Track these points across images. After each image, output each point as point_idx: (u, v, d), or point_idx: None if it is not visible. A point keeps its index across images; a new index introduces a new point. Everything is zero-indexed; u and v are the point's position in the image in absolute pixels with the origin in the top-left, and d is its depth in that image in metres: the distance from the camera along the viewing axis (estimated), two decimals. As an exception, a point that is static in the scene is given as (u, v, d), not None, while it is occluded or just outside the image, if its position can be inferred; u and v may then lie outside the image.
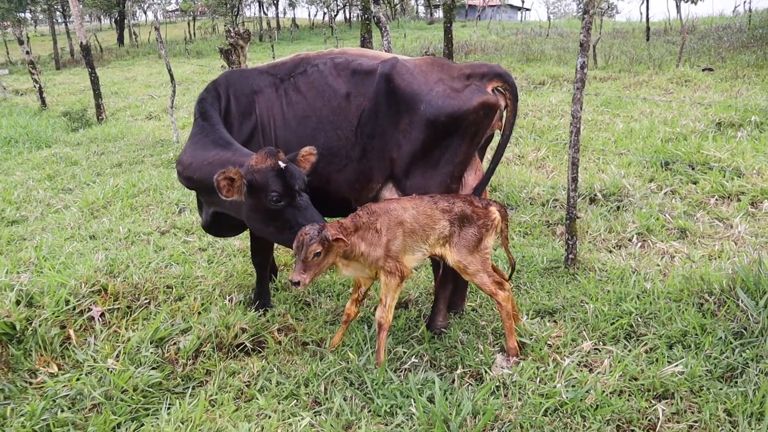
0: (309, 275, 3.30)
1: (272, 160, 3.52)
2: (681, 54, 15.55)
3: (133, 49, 33.98)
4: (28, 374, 3.75)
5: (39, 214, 7.09)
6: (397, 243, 3.54)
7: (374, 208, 3.60)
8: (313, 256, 3.29)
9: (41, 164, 9.40)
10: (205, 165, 3.76)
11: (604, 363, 3.63)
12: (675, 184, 6.79)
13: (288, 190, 3.52)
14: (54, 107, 15.14)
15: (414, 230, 3.59)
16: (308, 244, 3.27)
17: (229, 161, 3.65)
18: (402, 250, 3.59)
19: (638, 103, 11.32)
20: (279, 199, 3.53)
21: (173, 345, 3.98)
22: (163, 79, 20.21)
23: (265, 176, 3.49)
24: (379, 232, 3.50)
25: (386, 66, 3.82)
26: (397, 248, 3.54)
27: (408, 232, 3.57)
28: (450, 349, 3.90)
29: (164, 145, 10.31)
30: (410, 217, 3.58)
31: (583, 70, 4.38)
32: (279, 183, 3.50)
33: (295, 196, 3.57)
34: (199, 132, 4.03)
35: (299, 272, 3.28)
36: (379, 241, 3.52)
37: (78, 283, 4.55)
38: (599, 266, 4.96)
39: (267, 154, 3.53)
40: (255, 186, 3.52)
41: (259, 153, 3.56)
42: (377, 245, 3.52)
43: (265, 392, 3.45)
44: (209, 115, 4.06)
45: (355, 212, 3.61)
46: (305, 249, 3.28)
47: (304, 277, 3.28)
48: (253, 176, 3.50)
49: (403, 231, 3.56)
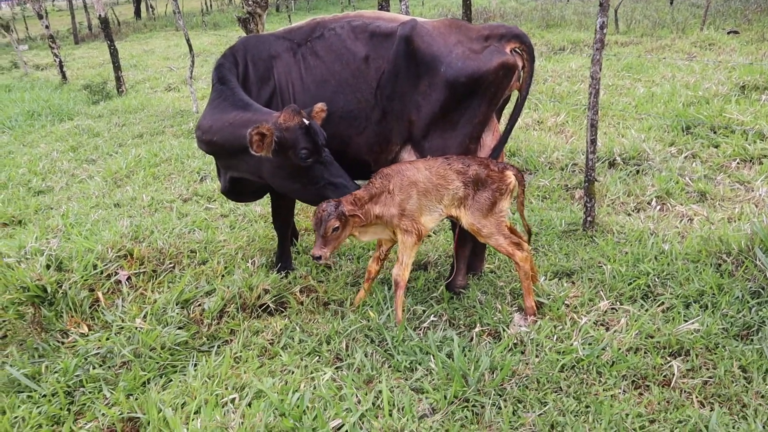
0: (329, 249, 3.47)
1: (298, 118, 3.57)
2: (705, 17, 15.15)
3: (150, 23, 33.97)
4: (60, 334, 3.90)
5: (64, 184, 7.24)
6: (411, 202, 3.61)
7: (387, 171, 3.68)
8: (332, 231, 3.45)
9: (64, 136, 9.55)
10: (226, 126, 3.79)
11: (620, 322, 3.67)
12: (696, 147, 6.70)
13: (315, 146, 3.60)
14: (74, 81, 15.29)
15: (428, 190, 3.64)
16: (326, 220, 3.42)
17: (250, 121, 3.68)
18: (417, 210, 3.65)
19: (660, 67, 11.10)
20: (309, 156, 3.60)
21: (198, 306, 4.10)
22: (181, 51, 20.24)
23: (294, 133, 3.55)
24: (392, 193, 3.58)
25: (406, 28, 3.81)
26: (411, 207, 3.61)
27: (422, 192, 3.63)
28: (468, 308, 3.96)
29: (184, 115, 10.40)
30: (423, 178, 3.64)
31: (603, 31, 4.33)
32: (307, 139, 3.57)
33: (322, 151, 3.65)
34: (218, 96, 4.06)
35: (319, 247, 3.45)
36: (392, 201, 3.61)
37: (105, 248, 4.68)
38: (617, 229, 4.96)
39: (292, 112, 3.58)
40: (283, 143, 3.56)
41: (285, 110, 3.59)
42: (390, 205, 3.62)
43: (288, 349, 3.56)
44: (227, 79, 4.09)
45: (369, 180, 3.68)
46: (324, 225, 3.43)
47: (324, 251, 3.45)
48: (282, 133, 3.55)
49: (417, 191, 3.62)
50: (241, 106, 3.83)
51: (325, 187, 3.68)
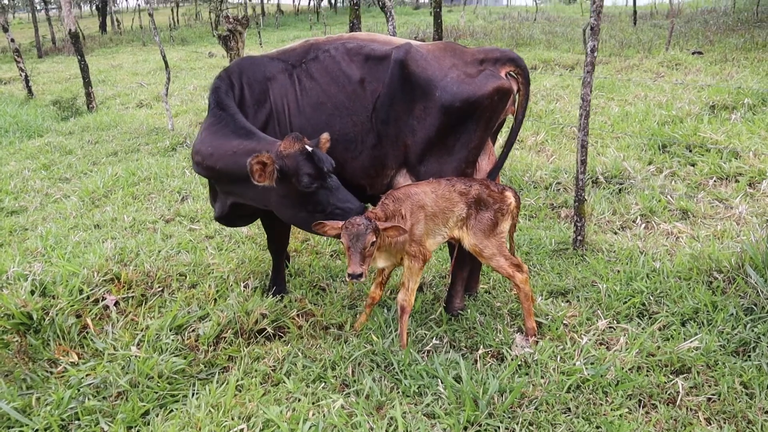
0: (366, 264, 3.29)
1: (300, 144, 3.51)
2: (670, 38, 15.65)
3: (116, 37, 33.42)
4: (49, 364, 3.75)
5: (38, 204, 7.02)
6: (420, 227, 3.58)
7: (398, 195, 3.63)
8: (371, 245, 3.29)
9: (35, 154, 9.28)
10: (229, 155, 3.71)
11: (620, 341, 3.71)
12: (674, 166, 6.88)
13: (319, 172, 3.53)
14: (41, 96, 14.92)
15: (435, 213, 3.63)
16: (365, 235, 3.24)
17: (255, 150, 3.60)
18: (424, 234, 3.63)
19: (631, 86, 11.41)
20: (312, 182, 3.53)
21: (193, 332, 4.00)
22: (150, 67, 19.97)
23: (295, 160, 3.49)
24: (404, 218, 3.54)
25: (400, 52, 3.82)
26: (420, 232, 3.58)
27: (429, 216, 3.61)
28: (468, 330, 3.96)
29: (159, 133, 10.22)
30: (431, 201, 3.62)
31: (594, 54, 4.42)
32: (309, 165, 3.50)
33: (326, 177, 3.58)
34: (217, 121, 3.96)
35: (358, 264, 3.23)
36: (405, 225, 3.55)
37: (90, 272, 4.54)
38: (606, 247, 5.03)
39: (294, 139, 3.53)
40: (286, 171, 3.51)
41: (286, 139, 3.55)
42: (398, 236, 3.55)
43: (292, 376, 3.49)
44: (225, 104, 4.00)
45: (381, 201, 3.64)
46: (362, 240, 3.24)
47: (365, 269, 3.25)
48: (283, 161, 3.49)
49: (425, 215, 3.60)
50: (244, 134, 3.77)
51: (333, 213, 3.60)
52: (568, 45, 18.31)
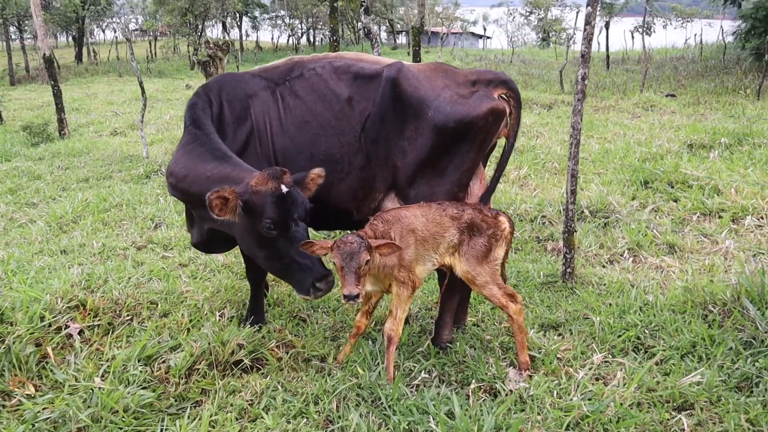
0: (362, 283, 3.12)
1: (274, 183, 3.26)
2: (644, 80, 16.03)
3: (92, 67, 33.10)
4: (1, 396, 3.42)
5: (1, 229, 6.67)
6: (410, 252, 3.40)
7: (387, 217, 3.45)
8: (365, 263, 3.11)
9: (1, 178, 8.91)
10: (203, 179, 3.51)
11: (617, 375, 3.54)
12: (657, 201, 6.85)
13: (284, 219, 3.28)
14: (11, 122, 14.52)
15: (425, 238, 3.45)
16: (359, 253, 3.07)
17: (229, 177, 3.42)
18: (414, 260, 3.44)
19: (609, 125, 11.54)
20: (272, 228, 3.30)
21: (163, 363, 3.71)
22: (125, 97, 19.70)
23: (262, 200, 3.26)
24: (393, 241, 3.35)
25: (392, 70, 3.71)
26: (410, 257, 3.39)
27: (420, 241, 3.43)
28: (458, 364, 3.75)
29: (133, 160, 9.93)
30: (421, 225, 3.45)
31: (584, 81, 4.37)
32: (276, 210, 3.25)
33: (291, 226, 3.32)
34: (192, 140, 3.77)
35: (353, 285, 3.06)
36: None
37: (53, 298, 4.24)
38: (596, 280, 4.91)
39: (270, 176, 3.28)
40: (250, 208, 3.29)
41: (263, 173, 3.30)
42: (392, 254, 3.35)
43: (271, 411, 3.22)
44: (201, 122, 3.83)
45: (369, 222, 3.45)
46: (356, 259, 3.07)
47: (360, 289, 3.08)
48: (250, 197, 3.27)
49: (415, 239, 3.42)
50: (220, 156, 3.56)
51: (289, 265, 3.36)
52: (545, 86, 18.64)
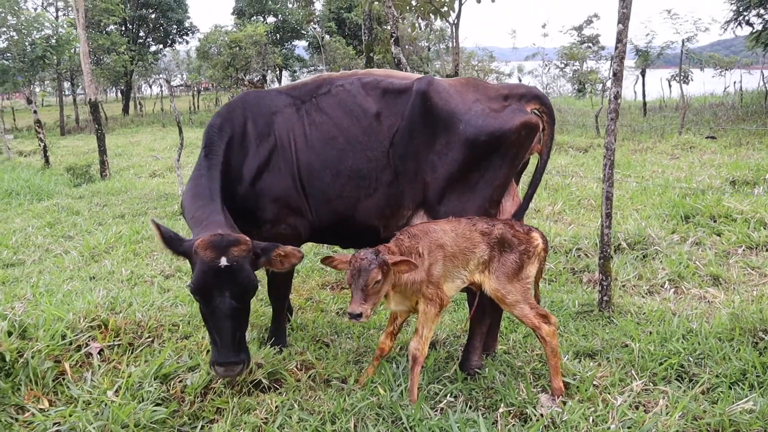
0: (369, 305, 2.94)
1: (212, 254, 3.08)
2: (683, 122, 15.73)
3: (137, 119, 34.42)
4: (15, 409, 3.35)
5: (37, 258, 6.76)
6: (438, 267, 3.25)
7: (415, 231, 3.33)
8: (374, 284, 2.95)
9: (42, 213, 9.13)
10: (189, 217, 3.56)
11: (659, 403, 3.28)
12: (698, 234, 6.56)
13: (207, 292, 3.13)
14: (57, 166, 15.02)
15: (454, 254, 3.30)
16: (368, 270, 2.91)
17: (199, 225, 3.39)
18: (442, 276, 3.29)
19: (647, 165, 11.28)
20: (194, 293, 3.18)
21: (180, 382, 3.60)
22: (166, 144, 20.29)
23: (195, 264, 3.17)
24: (422, 256, 3.22)
25: (422, 83, 3.66)
26: (438, 273, 3.25)
27: (448, 257, 3.29)
28: (487, 389, 3.53)
29: (168, 198, 10.10)
30: (450, 240, 3.31)
31: (617, 100, 4.24)
32: (201, 281, 3.11)
33: (213, 299, 3.13)
34: (197, 171, 3.77)
35: (359, 303, 2.92)
36: (421, 265, 3.22)
37: (76, 317, 4.20)
38: (635, 309, 4.65)
39: (211, 244, 3.09)
40: (191, 263, 3.24)
41: (208, 237, 3.12)
42: (419, 269, 3.21)
43: (286, 429, 3.05)
44: (212, 149, 3.78)
45: (395, 237, 3.34)
46: (364, 276, 2.92)
47: (366, 308, 2.92)
48: (192, 255, 3.18)
49: (444, 255, 3.27)
50: (206, 198, 3.54)
51: (210, 332, 3.23)
52: (580, 131, 18.47)
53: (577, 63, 43.35)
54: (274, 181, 3.81)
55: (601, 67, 43.58)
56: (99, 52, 33.24)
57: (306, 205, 3.82)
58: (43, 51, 18.64)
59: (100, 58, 34.78)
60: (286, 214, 3.80)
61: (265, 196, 3.81)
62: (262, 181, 3.81)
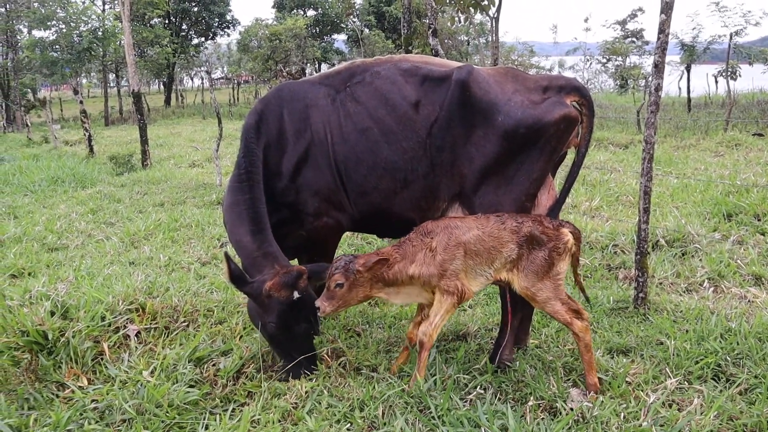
0: (331, 305, 3.24)
1: (287, 292, 3.42)
2: (729, 118, 15.26)
3: (179, 110, 35.15)
4: (56, 386, 3.48)
5: (80, 243, 6.98)
6: (456, 264, 3.25)
7: (431, 227, 3.37)
8: (335, 286, 3.23)
9: (85, 200, 9.41)
10: (235, 242, 3.76)
11: (694, 402, 3.21)
12: (741, 233, 6.37)
13: (289, 324, 3.48)
14: (101, 156, 15.46)
15: (478, 252, 3.28)
16: (332, 274, 3.22)
17: (250, 256, 3.64)
18: (463, 271, 3.28)
19: (689, 161, 10.99)
20: (276, 329, 3.49)
21: (213, 365, 3.68)
22: (206, 135, 20.65)
23: (272, 304, 3.44)
24: (434, 251, 3.25)
25: (462, 73, 3.60)
26: (455, 268, 3.25)
27: (471, 254, 3.28)
28: (517, 382, 3.51)
29: (207, 188, 10.29)
30: (474, 238, 3.28)
31: (658, 93, 4.14)
32: (283, 317, 3.45)
33: (292, 329, 3.51)
34: (238, 185, 3.77)
35: (323, 299, 3.26)
36: (432, 261, 3.26)
37: (116, 300, 4.32)
38: (671, 307, 4.54)
39: (284, 284, 3.41)
40: (261, 303, 3.48)
41: (279, 278, 3.43)
42: (430, 264, 3.26)
43: (314, 414, 3.10)
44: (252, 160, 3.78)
45: (407, 235, 3.42)
46: (330, 279, 3.23)
47: (325, 305, 3.24)
48: (263, 297, 3.45)
49: (465, 252, 3.26)
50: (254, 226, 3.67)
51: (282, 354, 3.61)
52: (620, 127, 18.11)
53: (620, 58, 42.37)
54: (313, 176, 3.81)
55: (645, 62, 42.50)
56: (143, 45, 33.98)
57: (345, 198, 3.83)
58: (90, 43, 19.16)
59: (143, 50, 35.57)
60: (327, 208, 3.82)
61: (305, 191, 3.83)
62: (301, 176, 3.82)
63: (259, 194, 3.73)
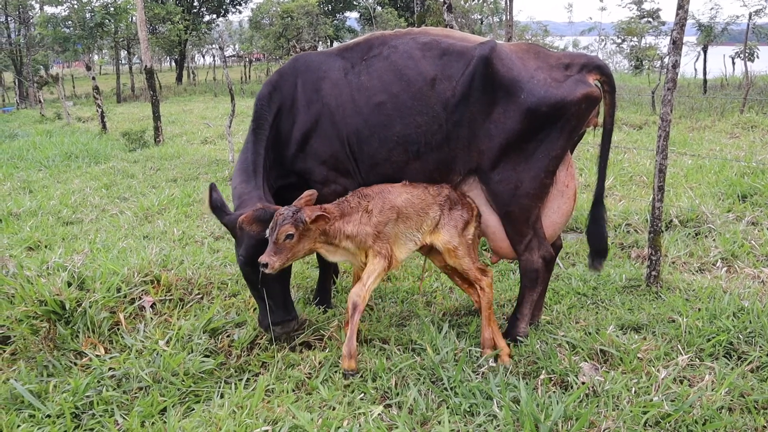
0: (279, 258, 3.14)
1: (258, 227, 3.40)
2: (746, 100, 15.03)
3: (190, 88, 35.07)
4: (74, 355, 3.55)
5: (94, 217, 7.04)
6: (390, 226, 3.41)
7: (367, 192, 3.52)
8: (285, 237, 3.15)
9: (99, 176, 9.48)
10: (232, 187, 3.85)
11: (705, 378, 3.22)
12: (756, 214, 6.31)
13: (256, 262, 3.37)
14: (113, 132, 15.52)
15: (409, 216, 3.46)
16: (280, 225, 3.13)
17: (240, 198, 3.70)
18: (393, 236, 3.43)
19: (704, 143, 10.87)
20: (245, 264, 3.50)
21: (227, 337, 3.73)
22: (218, 112, 20.64)
23: (243, 238, 3.46)
24: (369, 213, 3.39)
25: (485, 48, 3.55)
26: (389, 231, 3.40)
27: (403, 217, 3.44)
28: (528, 356, 3.53)
29: (219, 164, 10.32)
30: (405, 201, 3.46)
31: (675, 70, 4.10)
32: (251, 252, 3.41)
33: None
34: (246, 142, 3.96)
35: (269, 254, 3.14)
36: (368, 221, 3.38)
37: (131, 272, 4.38)
38: (684, 286, 4.53)
39: (255, 218, 3.41)
40: (236, 238, 3.52)
41: (252, 212, 3.44)
42: (366, 224, 3.38)
43: (328, 384, 3.14)
44: (260, 123, 3.91)
45: (345, 197, 3.52)
46: (277, 229, 3.14)
47: (273, 260, 3.13)
48: (237, 230, 3.48)
49: (398, 215, 3.42)
50: (249, 173, 3.77)
51: (256, 298, 3.64)
52: (635, 108, 17.90)
53: (635, 38, 41.74)
54: (321, 145, 3.84)
55: (661, 42, 41.85)
56: (154, 21, 33.86)
57: (355, 167, 3.84)
58: (102, 18, 19.10)
59: (155, 27, 35.44)
60: (335, 176, 3.85)
61: (314, 160, 3.87)
62: (310, 145, 3.86)
63: (260, 149, 3.85)
